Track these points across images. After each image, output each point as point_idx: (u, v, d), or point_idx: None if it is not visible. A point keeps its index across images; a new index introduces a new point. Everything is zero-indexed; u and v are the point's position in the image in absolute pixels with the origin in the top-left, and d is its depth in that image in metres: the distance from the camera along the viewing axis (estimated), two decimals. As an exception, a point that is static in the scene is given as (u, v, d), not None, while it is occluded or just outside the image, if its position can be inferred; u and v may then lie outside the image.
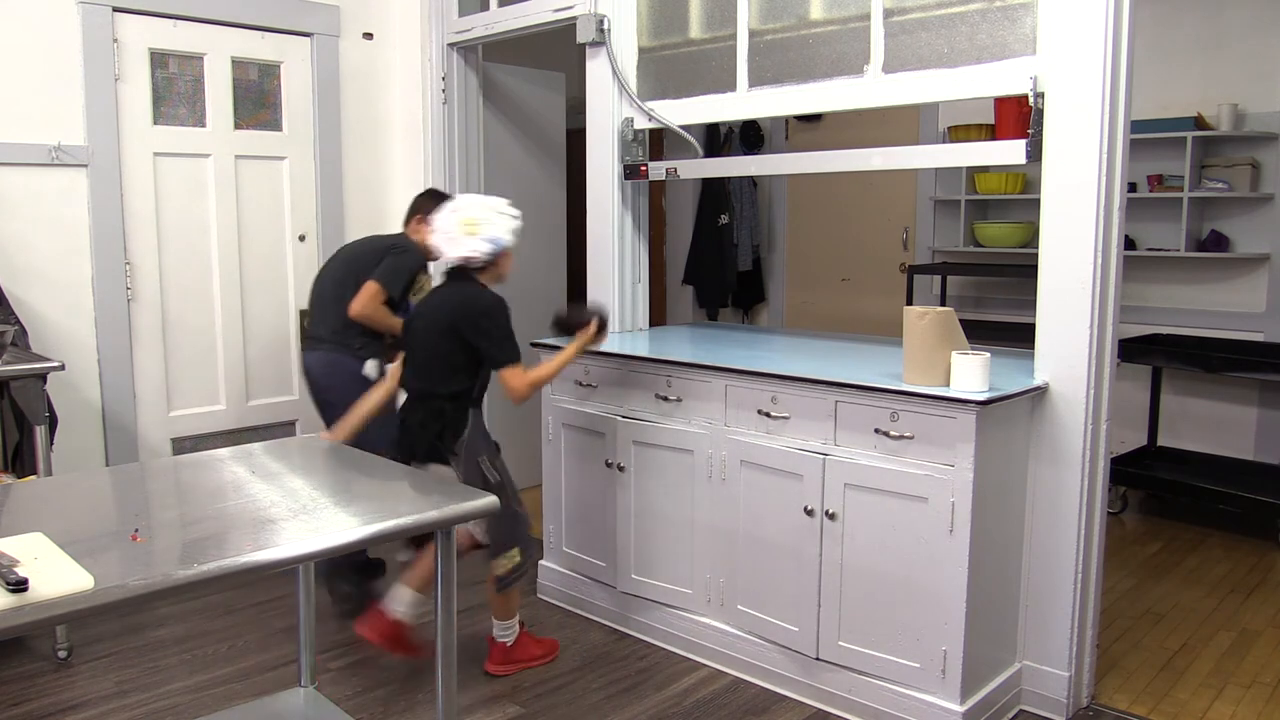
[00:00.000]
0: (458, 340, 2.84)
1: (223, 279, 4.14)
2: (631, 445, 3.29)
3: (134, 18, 3.80)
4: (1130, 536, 4.43)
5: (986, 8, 2.76)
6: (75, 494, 2.07)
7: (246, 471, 2.15)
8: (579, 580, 3.56)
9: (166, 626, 3.43)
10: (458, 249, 2.86)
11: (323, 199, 4.39)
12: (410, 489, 2.16)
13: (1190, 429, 5.02)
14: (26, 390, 3.02)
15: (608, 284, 3.80)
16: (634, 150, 3.72)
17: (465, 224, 2.84)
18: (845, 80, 3.08)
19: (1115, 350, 2.75)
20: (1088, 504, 2.72)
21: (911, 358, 2.63)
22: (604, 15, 3.68)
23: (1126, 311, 4.77)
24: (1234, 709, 2.87)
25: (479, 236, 2.86)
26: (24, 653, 3.21)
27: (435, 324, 2.88)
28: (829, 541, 2.79)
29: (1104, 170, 2.59)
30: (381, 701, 2.92)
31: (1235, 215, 4.90)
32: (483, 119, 4.69)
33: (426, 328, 2.91)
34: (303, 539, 1.72)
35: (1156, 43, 4.78)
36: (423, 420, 2.87)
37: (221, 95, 4.08)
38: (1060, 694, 2.79)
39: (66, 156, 3.66)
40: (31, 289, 3.62)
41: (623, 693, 2.98)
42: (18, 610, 1.38)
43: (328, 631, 3.39)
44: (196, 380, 4.10)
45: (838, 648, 2.81)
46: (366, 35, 4.49)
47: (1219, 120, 4.76)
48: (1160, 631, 3.41)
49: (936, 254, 5.87)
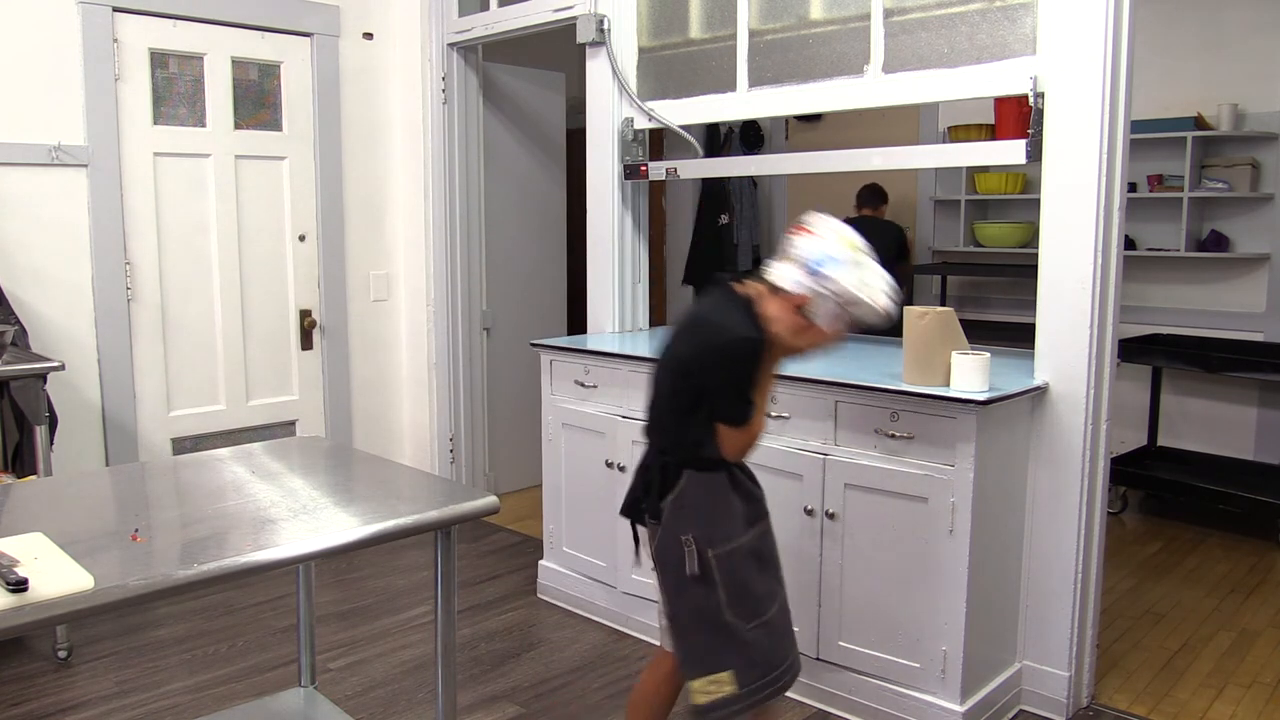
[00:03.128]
0: (685, 377, 2.13)
1: (223, 279, 4.14)
2: (632, 445, 3.29)
3: (134, 18, 3.80)
4: (1130, 536, 4.43)
5: (986, 8, 2.76)
6: (75, 494, 2.07)
7: (246, 471, 2.15)
8: (579, 580, 3.56)
9: (166, 626, 3.43)
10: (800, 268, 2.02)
11: (323, 199, 4.39)
12: (410, 489, 2.15)
13: (1190, 429, 5.02)
14: (26, 390, 3.02)
15: (608, 284, 3.80)
16: (634, 150, 3.72)
17: (850, 245, 2.03)
18: (845, 80, 3.08)
19: (1115, 350, 2.75)
20: (1088, 504, 2.72)
21: (911, 358, 2.63)
22: (604, 15, 3.68)
23: (1126, 311, 4.77)
24: (1234, 709, 2.87)
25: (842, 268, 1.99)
26: (24, 653, 3.21)
27: (669, 347, 2.20)
28: (829, 541, 2.79)
29: (1104, 170, 2.59)
30: (381, 701, 2.92)
31: (1235, 215, 4.90)
32: (483, 119, 4.69)
33: (662, 350, 2.22)
34: (303, 539, 1.71)
35: (1156, 42, 4.78)
36: (641, 465, 2.26)
37: (221, 95, 4.08)
38: (1060, 694, 2.79)
39: (66, 156, 3.66)
40: (31, 289, 3.61)
41: (623, 693, 2.98)
42: (18, 610, 1.38)
43: (328, 631, 3.39)
44: (196, 380, 4.10)
45: (838, 648, 2.81)
46: (366, 35, 4.49)
47: (1219, 120, 4.76)
48: (1160, 631, 3.40)
49: (936, 254, 5.87)
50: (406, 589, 3.79)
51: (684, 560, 2.09)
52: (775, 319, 2.04)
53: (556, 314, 5.20)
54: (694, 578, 2.08)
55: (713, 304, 2.14)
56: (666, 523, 2.12)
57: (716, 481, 2.13)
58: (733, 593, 2.10)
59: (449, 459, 4.68)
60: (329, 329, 4.46)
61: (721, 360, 2.05)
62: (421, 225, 4.58)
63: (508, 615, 3.56)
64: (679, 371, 2.12)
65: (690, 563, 2.08)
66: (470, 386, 4.72)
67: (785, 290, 2.01)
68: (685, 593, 2.11)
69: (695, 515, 2.10)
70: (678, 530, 2.10)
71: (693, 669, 2.12)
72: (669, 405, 2.15)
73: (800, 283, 1.99)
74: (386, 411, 4.73)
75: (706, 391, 2.07)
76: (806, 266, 1.99)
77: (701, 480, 2.12)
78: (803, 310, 2.01)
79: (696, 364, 2.08)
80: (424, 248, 4.59)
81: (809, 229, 2.03)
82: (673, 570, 2.12)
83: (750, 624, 2.10)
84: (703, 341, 2.09)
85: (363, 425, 4.63)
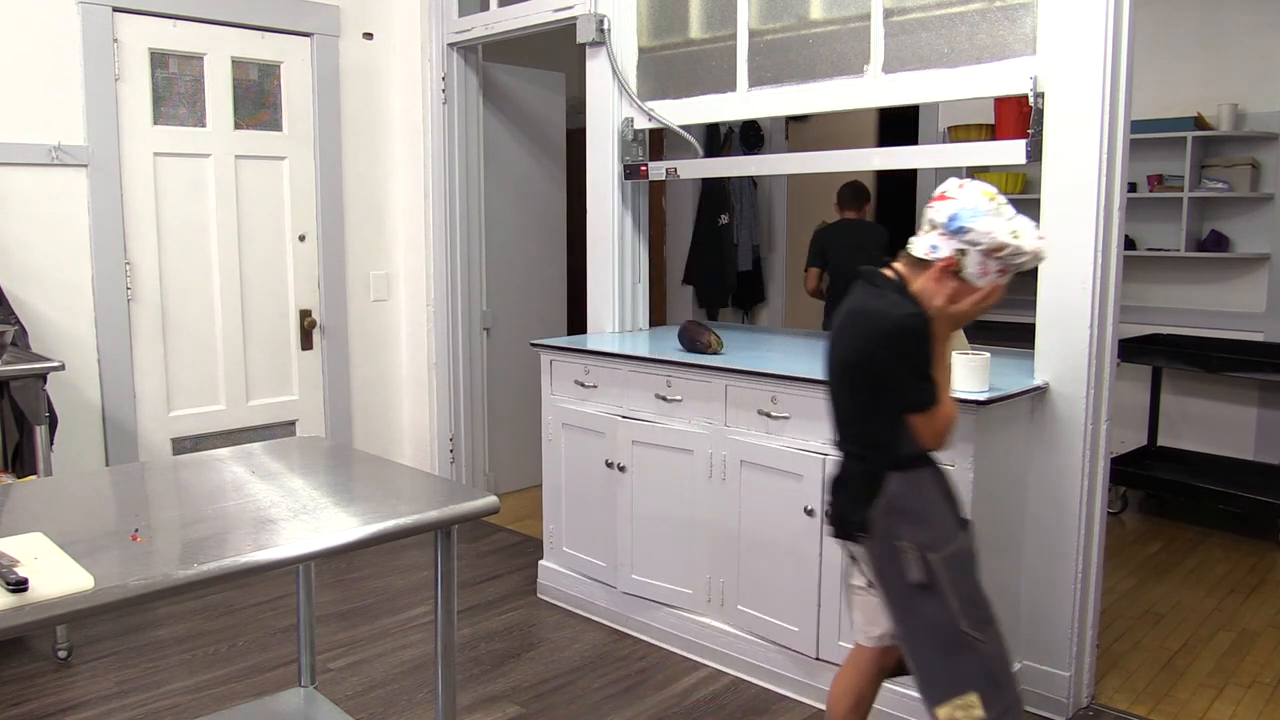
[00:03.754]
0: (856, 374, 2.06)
1: (223, 279, 4.13)
2: (631, 445, 3.29)
3: (134, 18, 3.80)
4: (1130, 536, 4.43)
5: (986, 8, 2.76)
6: (75, 494, 2.07)
7: (246, 471, 2.15)
8: (579, 580, 3.56)
9: (166, 626, 3.43)
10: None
11: (323, 199, 4.39)
12: (410, 489, 2.15)
13: (1190, 429, 5.02)
14: (26, 390, 3.02)
15: (608, 284, 3.80)
16: (634, 150, 3.72)
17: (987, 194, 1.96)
18: (845, 80, 3.08)
19: (1115, 350, 2.75)
20: (1088, 504, 2.72)
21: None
22: (604, 15, 3.68)
23: (1126, 311, 4.77)
24: (1234, 709, 2.87)
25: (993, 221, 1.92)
26: (24, 653, 3.21)
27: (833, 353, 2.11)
28: (829, 542, 2.79)
29: (1104, 170, 2.59)
30: (381, 701, 2.92)
31: (1235, 215, 4.90)
32: (483, 119, 4.69)
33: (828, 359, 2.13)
34: (303, 539, 1.72)
35: (1156, 43, 4.78)
36: (834, 482, 2.16)
37: (221, 95, 4.08)
38: (1060, 694, 2.79)
39: (66, 156, 3.66)
40: (31, 289, 3.61)
41: (623, 693, 2.98)
42: (18, 610, 1.38)
43: (328, 631, 3.39)
44: (196, 380, 4.10)
45: (838, 648, 2.81)
46: (366, 35, 4.49)
47: (1219, 120, 4.76)
48: (1160, 631, 3.40)
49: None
50: (406, 589, 3.79)
51: (904, 569, 1.97)
52: (928, 291, 1.97)
53: (556, 314, 5.20)
54: (919, 586, 1.96)
55: (863, 296, 2.04)
56: (879, 531, 1.99)
57: (922, 479, 2.03)
58: (964, 598, 1.97)
59: (449, 459, 4.68)
60: (329, 329, 4.46)
61: (890, 346, 1.95)
62: (421, 225, 4.58)
63: (508, 615, 3.56)
64: (851, 372, 2.04)
65: (911, 569, 1.96)
66: (470, 386, 4.71)
67: (928, 260, 1.96)
68: (914, 607, 1.98)
69: (908, 518, 1.98)
70: (891, 537, 1.98)
71: (938, 694, 1.96)
72: (853, 411, 2.06)
73: (942, 245, 1.94)
74: (386, 411, 4.73)
75: (885, 384, 1.98)
76: (946, 227, 1.93)
77: (907, 479, 2.00)
78: (953, 272, 1.95)
79: (866, 358, 1.99)
80: (424, 248, 4.59)
81: (944, 195, 1.97)
82: (896, 582, 1.98)
83: (984, 633, 1.98)
84: (866, 333, 1.99)
85: (363, 425, 4.63)
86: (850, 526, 2.06)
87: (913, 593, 1.97)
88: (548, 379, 3.58)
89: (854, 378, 2.04)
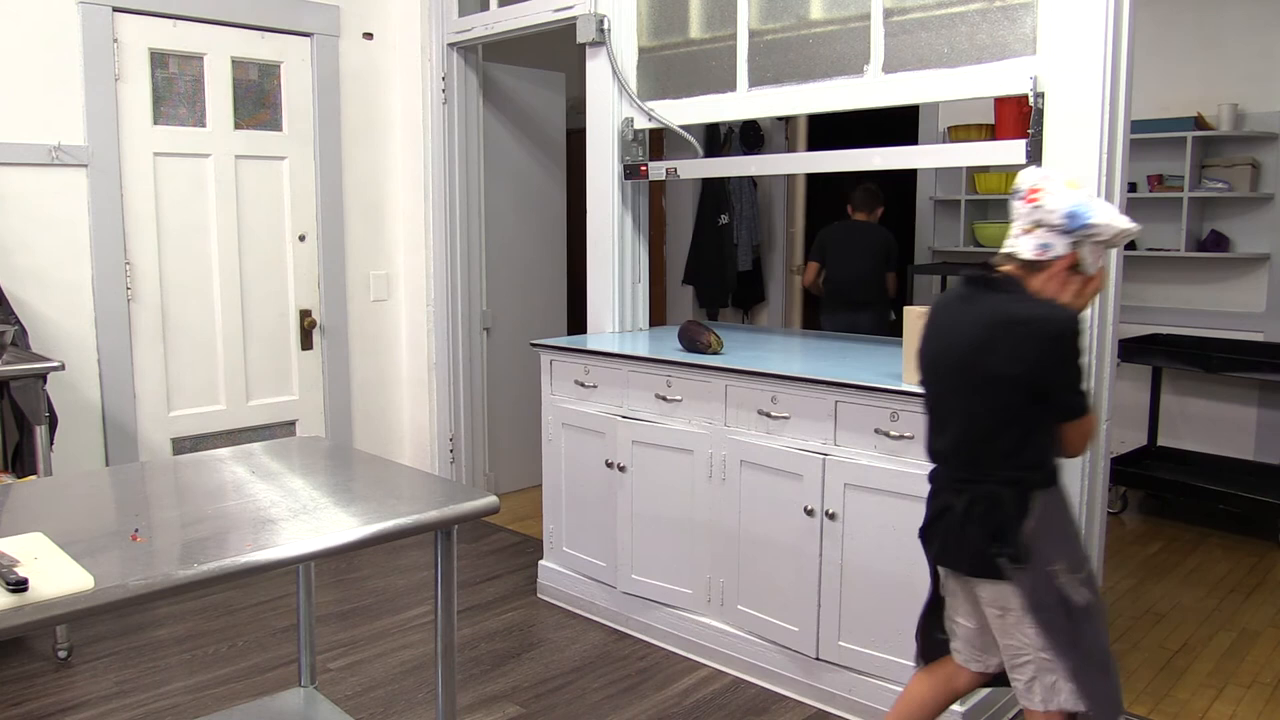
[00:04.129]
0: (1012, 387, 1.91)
1: (223, 279, 4.13)
2: (631, 445, 3.29)
3: (134, 18, 3.80)
4: (1130, 536, 4.43)
5: (986, 8, 2.76)
6: (75, 494, 2.07)
7: (246, 471, 2.15)
8: (579, 580, 3.56)
9: (166, 626, 3.43)
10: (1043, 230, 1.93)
11: (323, 199, 4.39)
12: (410, 489, 2.15)
13: (1190, 429, 5.02)
14: (26, 390, 3.02)
15: (608, 284, 3.80)
16: (634, 150, 3.72)
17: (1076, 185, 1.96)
18: (845, 80, 3.08)
19: (1115, 350, 2.75)
20: (1088, 504, 2.72)
21: (912, 357, 2.63)
22: (604, 15, 3.68)
23: (1126, 311, 4.77)
24: (1234, 709, 2.87)
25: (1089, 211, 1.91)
26: (24, 653, 3.21)
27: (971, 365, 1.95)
28: (829, 541, 2.79)
29: (1104, 170, 2.59)
30: (381, 701, 2.92)
31: (1235, 215, 4.90)
32: (483, 119, 4.69)
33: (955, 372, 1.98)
34: (303, 539, 1.72)
35: (1156, 43, 4.78)
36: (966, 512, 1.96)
37: (221, 95, 4.07)
38: (1060, 694, 2.78)
39: (66, 156, 3.66)
40: (31, 289, 3.61)
41: (623, 693, 2.98)
42: (18, 610, 1.38)
43: (328, 631, 3.39)
44: (196, 380, 4.10)
45: (838, 648, 2.81)
46: (366, 35, 4.49)
47: (1219, 120, 4.76)
48: (1160, 631, 3.40)
49: (936, 254, 5.87)
50: (406, 589, 3.79)
51: (1066, 596, 1.88)
52: (1050, 291, 1.93)
53: (556, 314, 5.20)
54: (1083, 609, 1.88)
55: (1001, 302, 1.94)
56: (1035, 560, 1.87)
57: (1061, 498, 1.95)
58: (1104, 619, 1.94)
59: (449, 459, 4.68)
60: (329, 329, 4.46)
61: (1059, 351, 1.86)
62: (421, 225, 4.58)
63: (508, 615, 3.56)
64: (1009, 386, 1.89)
65: (1075, 594, 1.88)
66: (470, 386, 4.71)
67: (1047, 260, 1.92)
68: (1079, 632, 1.90)
69: (1053, 539, 1.90)
70: (1045, 563, 1.88)
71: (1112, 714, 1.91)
72: (991, 430, 1.93)
73: (1056, 243, 1.91)
74: (386, 411, 4.73)
75: (1051, 392, 1.89)
76: (1068, 225, 1.90)
77: (1052, 497, 1.92)
78: (1075, 268, 1.93)
79: (1033, 367, 1.87)
80: (424, 248, 4.59)
81: (1038, 189, 1.94)
82: (1056, 611, 1.88)
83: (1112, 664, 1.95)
84: (1031, 341, 1.87)
85: (363, 425, 4.63)
86: (988, 562, 1.90)
87: (1078, 619, 1.89)
88: (548, 379, 3.58)
89: (1010, 391, 1.89)
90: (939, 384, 2.02)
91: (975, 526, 1.93)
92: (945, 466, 2.04)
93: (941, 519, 2.01)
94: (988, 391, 1.92)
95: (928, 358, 2.05)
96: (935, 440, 2.05)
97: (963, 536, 1.95)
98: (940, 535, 2.03)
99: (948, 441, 2.01)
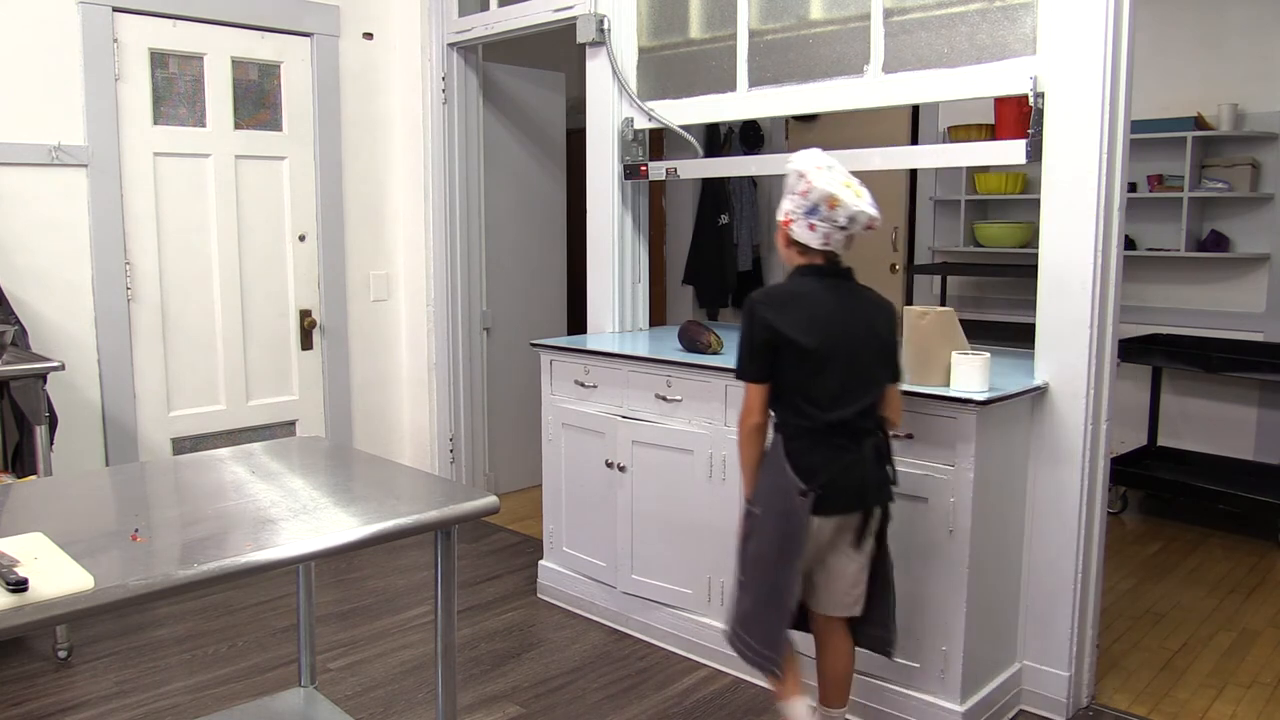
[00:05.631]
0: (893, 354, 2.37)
1: (223, 279, 4.14)
2: (631, 445, 3.29)
3: (134, 18, 3.80)
4: (1130, 536, 4.43)
5: (986, 8, 2.76)
6: (75, 494, 2.07)
7: (246, 471, 2.15)
8: (579, 580, 3.56)
9: (166, 626, 3.43)
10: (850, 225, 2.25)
11: (323, 199, 4.39)
12: (410, 489, 2.15)
13: (1190, 429, 5.02)
14: (26, 390, 3.02)
15: (608, 284, 3.80)
16: (634, 150, 3.72)
17: (849, 184, 2.28)
18: (845, 80, 3.08)
19: (1115, 350, 2.75)
20: (1088, 504, 2.72)
21: (912, 357, 2.63)
22: (604, 15, 3.68)
23: (1126, 311, 4.77)
24: (1234, 709, 2.87)
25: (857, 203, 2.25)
26: (24, 653, 3.21)
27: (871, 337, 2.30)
28: (829, 541, 2.79)
29: (1104, 170, 2.59)
30: (381, 701, 2.92)
31: (1235, 215, 4.90)
32: (483, 119, 4.69)
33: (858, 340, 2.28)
34: (303, 539, 1.71)
35: (1156, 43, 4.78)
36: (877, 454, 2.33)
37: (221, 95, 4.08)
38: (1060, 694, 2.78)
39: (66, 156, 3.66)
40: (31, 289, 3.61)
41: (623, 693, 2.98)
42: (18, 610, 1.38)
43: (328, 631, 3.39)
44: (196, 380, 4.10)
45: (838, 648, 2.81)
46: (366, 35, 4.49)
47: (1219, 120, 4.76)
48: (1160, 631, 3.40)
49: (936, 254, 5.87)
50: (406, 589, 3.79)
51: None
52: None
53: (556, 314, 5.20)
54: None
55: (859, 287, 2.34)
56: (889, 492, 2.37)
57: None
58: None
59: (449, 459, 4.68)
60: (329, 329, 4.46)
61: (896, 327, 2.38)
62: (421, 225, 4.58)
63: (508, 615, 3.56)
64: (893, 353, 2.36)
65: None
66: (470, 386, 4.72)
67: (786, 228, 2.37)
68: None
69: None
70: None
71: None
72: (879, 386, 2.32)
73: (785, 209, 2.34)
74: (386, 411, 4.73)
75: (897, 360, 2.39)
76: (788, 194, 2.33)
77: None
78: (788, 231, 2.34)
79: (894, 339, 2.36)
80: (424, 248, 4.59)
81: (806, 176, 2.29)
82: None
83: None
84: (893, 318, 2.36)
85: (363, 425, 4.63)
86: (886, 492, 2.36)
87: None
88: (548, 379, 3.58)
89: (893, 357, 2.36)
90: (854, 360, 2.27)
91: (886, 463, 2.35)
92: (843, 428, 2.26)
93: (857, 468, 2.27)
94: (884, 358, 2.33)
95: (830, 339, 2.25)
96: (838, 408, 2.26)
97: (883, 473, 2.34)
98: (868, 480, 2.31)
99: (857, 406, 2.27)
